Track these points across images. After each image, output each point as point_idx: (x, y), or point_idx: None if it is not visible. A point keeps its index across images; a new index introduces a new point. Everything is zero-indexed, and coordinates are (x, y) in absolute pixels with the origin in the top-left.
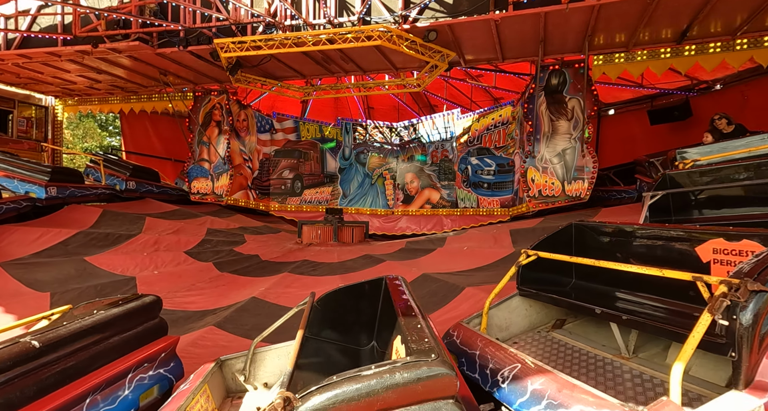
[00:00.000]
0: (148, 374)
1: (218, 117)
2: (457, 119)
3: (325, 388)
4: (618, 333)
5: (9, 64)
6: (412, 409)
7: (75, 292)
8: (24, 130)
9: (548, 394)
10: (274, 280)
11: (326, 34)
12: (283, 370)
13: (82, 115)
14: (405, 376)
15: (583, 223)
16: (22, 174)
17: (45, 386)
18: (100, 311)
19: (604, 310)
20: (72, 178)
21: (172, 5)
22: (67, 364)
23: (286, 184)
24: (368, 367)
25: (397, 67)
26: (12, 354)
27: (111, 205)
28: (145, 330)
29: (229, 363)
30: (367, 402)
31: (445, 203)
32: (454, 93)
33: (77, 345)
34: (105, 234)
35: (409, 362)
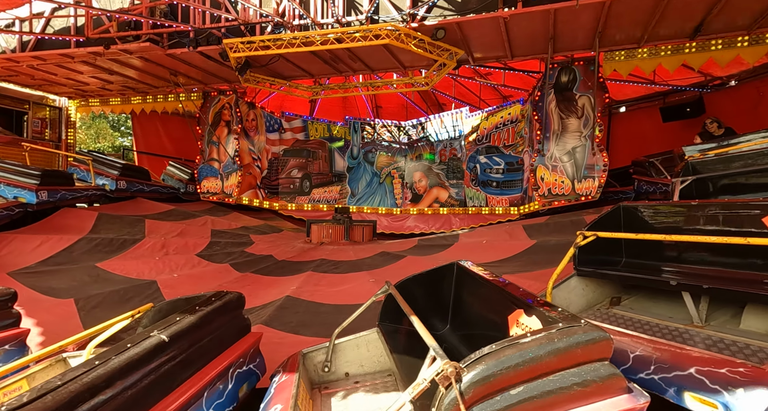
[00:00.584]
0: (243, 369)
1: (228, 117)
2: (465, 118)
3: (489, 356)
4: (691, 302)
5: (24, 66)
6: (571, 372)
7: (99, 297)
8: (38, 130)
9: (654, 359)
10: (301, 279)
11: (334, 33)
12: (362, 360)
13: (95, 115)
14: (565, 341)
15: (632, 204)
16: (10, 178)
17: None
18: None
19: (680, 281)
20: (62, 181)
21: (182, 6)
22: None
23: (295, 183)
24: (522, 335)
25: (405, 66)
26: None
27: (103, 206)
28: (236, 326)
29: (310, 356)
30: (531, 367)
31: (453, 202)
32: (463, 91)
33: (192, 339)
34: (108, 239)
35: (565, 328)
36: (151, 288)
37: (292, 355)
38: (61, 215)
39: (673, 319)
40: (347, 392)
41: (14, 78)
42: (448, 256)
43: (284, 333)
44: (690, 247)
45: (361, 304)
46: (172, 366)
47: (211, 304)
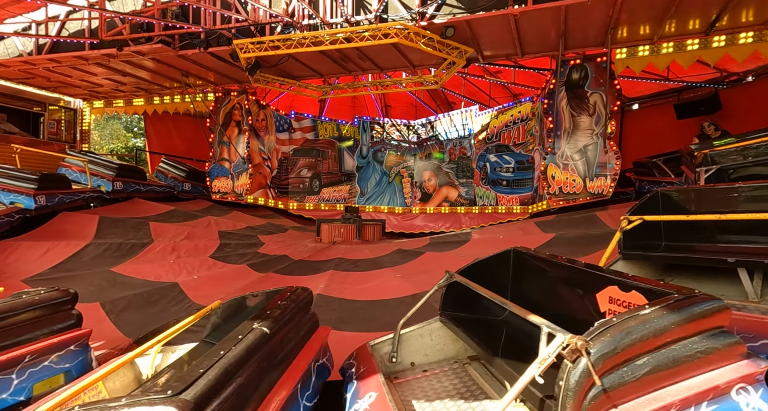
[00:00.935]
0: (320, 362)
1: (238, 117)
2: (475, 116)
3: (614, 328)
4: (747, 278)
5: (40, 68)
6: (693, 341)
7: (124, 300)
8: (54, 132)
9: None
10: (326, 278)
11: (343, 32)
12: (426, 350)
13: (109, 117)
14: (685, 310)
15: (670, 189)
16: (6, 183)
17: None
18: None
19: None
20: (60, 184)
21: (193, 8)
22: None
23: (305, 183)
24: (640, 307)
25: (415, 65)
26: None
27: (102, 209)
28: (310, 320)
29: (377, 347)
30: (654, 338)
31: (463, 201)
32: (472, 90)
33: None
34: (117, 244)
35: (683, 298)
36: (174, 290)
37: (359, 347)
38: (61, 220)
39: (725, 296)
40: (418, 381)
41: (31, 80)
42: (467, 251)
43: None
44: (727, 227)
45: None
46: (274, 357)
47: (289, 299)
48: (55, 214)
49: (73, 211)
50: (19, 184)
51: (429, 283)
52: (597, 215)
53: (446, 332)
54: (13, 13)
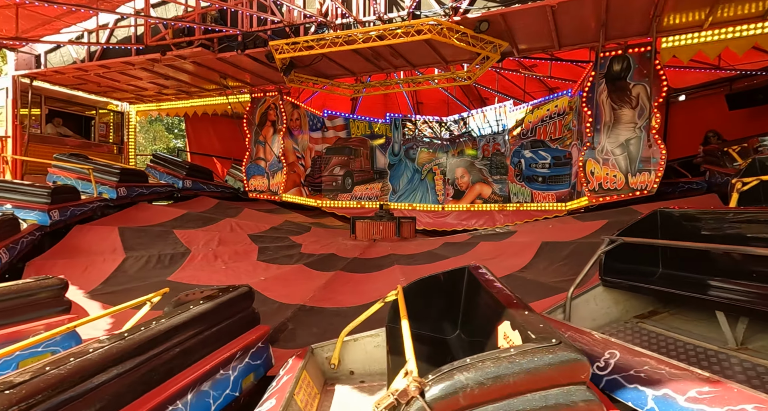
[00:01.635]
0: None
1: (273, 117)
2: (509, 111)
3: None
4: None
5: (91, 74)
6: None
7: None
8: (104, 134)
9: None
10: (397, 272)
11: (376, 30)
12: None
13: (152, 119)
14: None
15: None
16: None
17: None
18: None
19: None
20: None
21: (231, 11)
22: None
23: (337, 181)
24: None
25: (447, 60)
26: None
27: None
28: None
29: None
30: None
31: (497, 198)
32: (506, 84)
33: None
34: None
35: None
36: (183, 257)
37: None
38: (77, 234)
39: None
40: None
41: (83, 86)
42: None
43: None
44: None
45: None
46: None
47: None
48: (68, 228)
49: (84, 224)
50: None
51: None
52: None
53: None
54: (68, 23)
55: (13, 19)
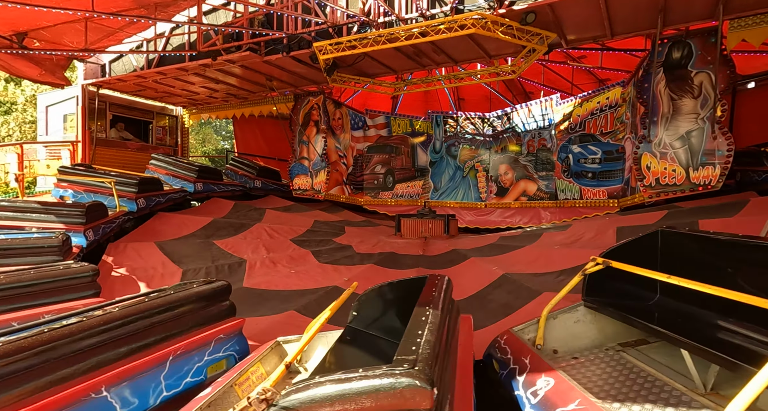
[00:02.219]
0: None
1: (316, 117)
2: (555, 105)
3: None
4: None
5: (150, 80)
6: None
7: (200, 269)
8: (160, 137)
9: None
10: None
11: (418, 27)
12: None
13: (203, 122)
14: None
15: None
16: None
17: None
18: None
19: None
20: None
21: (277, 15)
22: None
23: (379, 179)
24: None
25: (491, 55)
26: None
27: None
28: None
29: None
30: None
31: (542, 195)
32: (553, 77)
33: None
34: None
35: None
36: (240, 267)
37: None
38: (210, 202)
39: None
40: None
41: (142, 92)
42: None
43: None
44: None
45: None
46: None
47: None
48: (208, 198)
49: (166, 212)
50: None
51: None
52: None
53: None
54: (129, 33)
55: (82, 32)
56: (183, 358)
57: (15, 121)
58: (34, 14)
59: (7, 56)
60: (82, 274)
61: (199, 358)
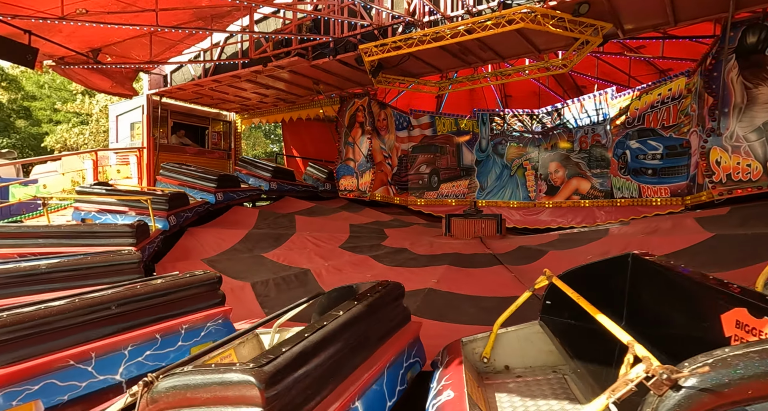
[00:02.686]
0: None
1: (361, 118)
2: (611, 99)
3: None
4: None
5: (206, 88)
6: None
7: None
8: (215, 142)
9: None
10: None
11: (464, 24)
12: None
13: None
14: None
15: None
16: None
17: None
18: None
19: None
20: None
21: (324, 20)
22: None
23: (423, 179)
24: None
25: (540, 49)
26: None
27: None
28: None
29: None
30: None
31: (597, 193)
32: (608, 70)
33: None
34: (270, 234)
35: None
36: (307, 276)
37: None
38: (233, 212)
39: None
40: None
41: (199, 99)
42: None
43: None
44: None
45: None
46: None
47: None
48: (228, 207)
49: (240, 206)
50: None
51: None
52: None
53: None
54: (188, 45)
55: (147, 45)
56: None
57: (90, 131)
58: (107, 32)
59: (84, 71)
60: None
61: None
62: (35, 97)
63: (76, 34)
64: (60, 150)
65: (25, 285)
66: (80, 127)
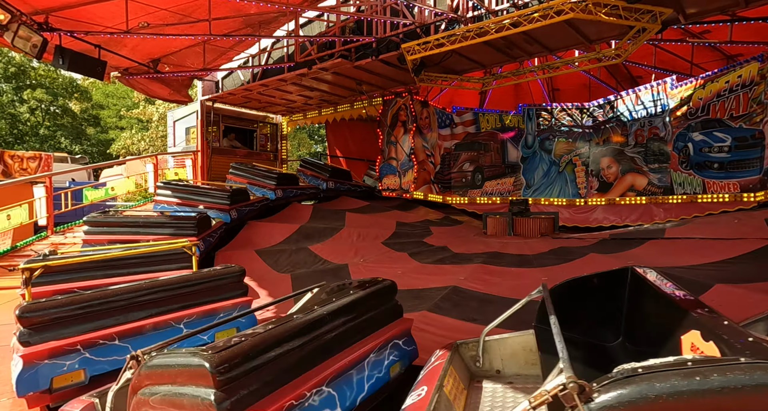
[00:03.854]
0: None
1: (404, 117)
2: (670, 89)
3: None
4: None
5: (255, 92)
6: None
7: (306, 274)
8: (263, 144)
9: None
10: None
11: (509, 18)
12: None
13: (298, 127)
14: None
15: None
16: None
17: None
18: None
19: None
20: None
21: (367, 20)
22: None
23: (467, 177)
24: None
25: (591, 40)
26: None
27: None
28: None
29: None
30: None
31: (655, 190)
32: (667, 58)
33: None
34: (320, 228)
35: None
36: (343, 270)
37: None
38: (290, 208)
39: None
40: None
41: (248, 103)
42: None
43: None
44: None
45: None
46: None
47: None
48: (287, 204)
49: (299, 203)
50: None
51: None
52: None
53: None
54: (238, 51)
55: (201, 54)
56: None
57: (150, 136)
58: (165, 43)
59: (145, 80)
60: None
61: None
62: (103, 106)
63: (139, 47)
64: (124, 155)
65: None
66: (141, 133)
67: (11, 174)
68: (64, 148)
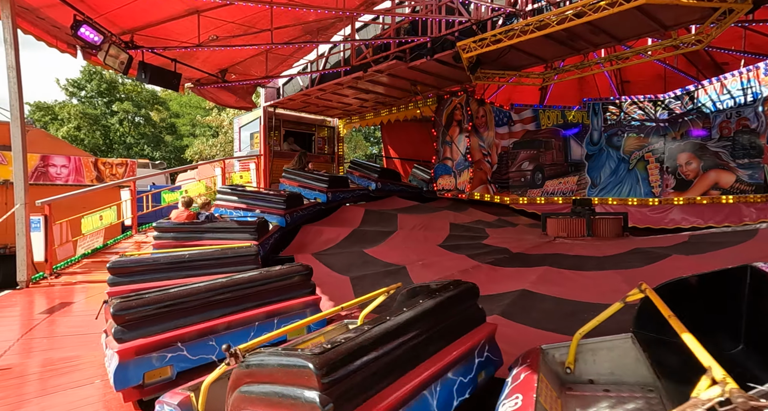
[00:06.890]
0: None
1: (459, 116)
2: (764, 75)
3: None
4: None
5: (313, 97)
6: None
7: (365, 277)
8: (321, 147)
9: None
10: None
11: (573, 8)
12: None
13: (354, 130)
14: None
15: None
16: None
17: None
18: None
19: None
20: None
21: (422, 20)
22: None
23: (526, 176)
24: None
25: (667, 26)
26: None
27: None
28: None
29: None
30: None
31: (744, 187)
32: (760, 41)
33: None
34: (373, 232)
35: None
36: (401, 272)
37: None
38: (342, 211)
39: None
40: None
41: (307, 108)
42: None
43: None
44: None
45: None
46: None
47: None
48: (339, 206)
49: (350, 205)
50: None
51: None
52: None
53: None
54: (297, 58)
55: (263, 62)
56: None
57: (219, 142)
58: (232, 53)
59: (215, 89)
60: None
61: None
62: (178, 115)
63: (209, 59)
64: (197, 160)
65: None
66: (212, 140)
67: (103, 179)
68: (146, 155)
